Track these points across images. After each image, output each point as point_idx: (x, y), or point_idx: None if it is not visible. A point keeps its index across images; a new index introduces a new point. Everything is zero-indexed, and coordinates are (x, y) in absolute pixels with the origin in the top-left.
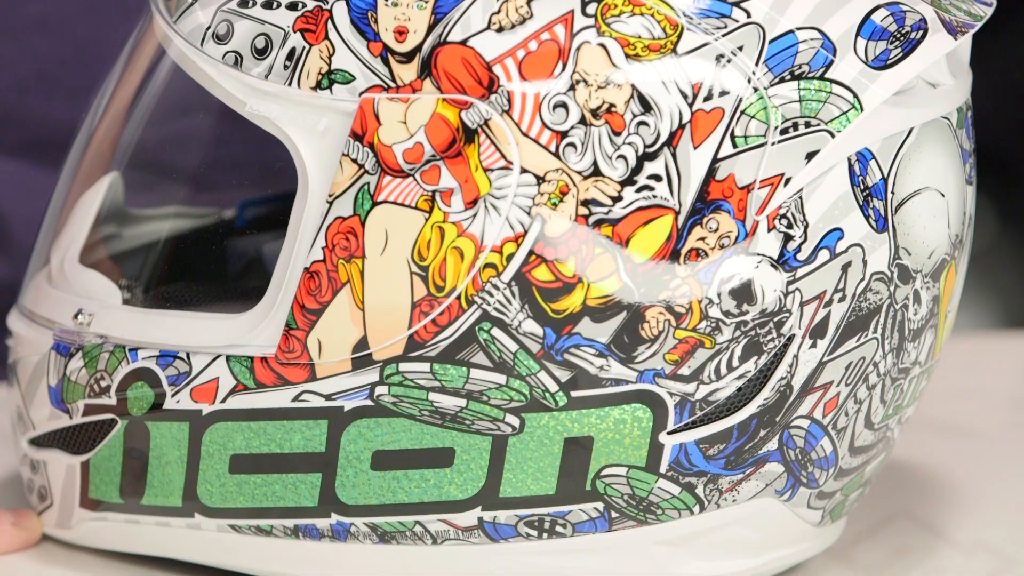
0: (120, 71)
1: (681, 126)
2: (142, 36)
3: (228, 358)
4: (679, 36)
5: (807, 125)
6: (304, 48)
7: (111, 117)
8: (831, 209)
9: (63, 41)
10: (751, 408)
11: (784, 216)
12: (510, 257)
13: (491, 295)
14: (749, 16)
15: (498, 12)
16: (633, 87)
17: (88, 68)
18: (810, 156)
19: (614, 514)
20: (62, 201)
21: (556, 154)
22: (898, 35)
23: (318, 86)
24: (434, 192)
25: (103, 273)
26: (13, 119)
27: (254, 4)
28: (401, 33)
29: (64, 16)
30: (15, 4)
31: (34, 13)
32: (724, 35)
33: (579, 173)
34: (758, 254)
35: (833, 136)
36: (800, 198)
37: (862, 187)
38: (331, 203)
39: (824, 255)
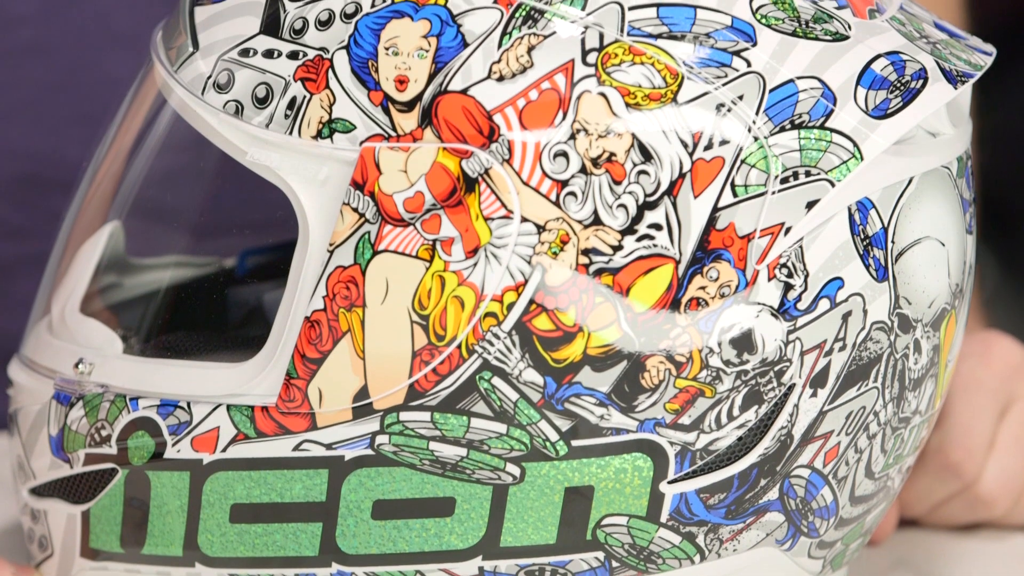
0: (121, 119)
1: (681, 175)
2: (143, 84)
3: (229, 407)
4: (679, 85)
5: (807, 174)
6: (305, 97)
7: (112, 166)
8: (831, 258)
9: (53, 68)
10: (752, 457)
11: (784, 265)
12: (511, 306)
13: (492, 344)
14: (749, 65)
15: (499, 61)
16: (633, 136)
17: (76, 96)
18: (810, 205)
19: (615, 563)
20: (63, 250)
21: (556, 203)
22: (898, 84)
23: (319, 135)
24: (435, 241)
25: (104, 322)
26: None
27: (255, 53)
28: (402, 82)
29: (56, 42)
30: (6, 27)
31: (25, 38)
32: (724, 84)
33: (579, 222)
34: (758, 303)
35: (833, 185)
36: (800, 247)
37: (862, 236)
38: (332, 252)
39: (824, 304)
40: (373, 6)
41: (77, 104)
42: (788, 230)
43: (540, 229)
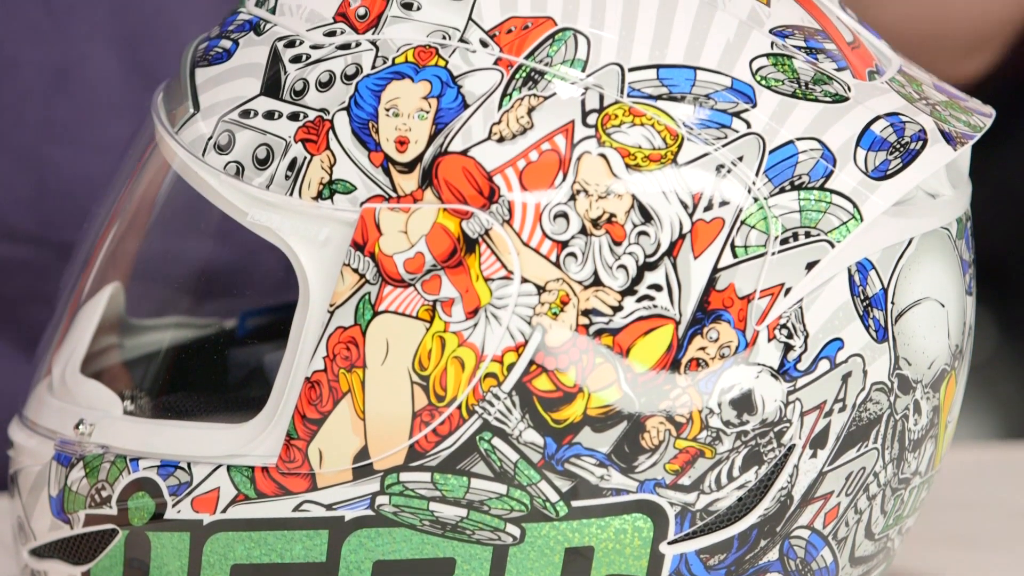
0: (121, 181)
1: (681, 236)
2: (143, 146)
3: (229, 468)
4: (679, 146)
5: (807, 235)
6: (305, 158)
7: (112, 228)
8: (831, 319)
9: None
10: (752, 518)
11: (784, 326)
12: (511, 367)
13: (492, 405)
14: (749, 126)
15: (499, 122)
16: (633, 197)
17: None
18: (810, 266)
19: None
20: (64, 311)
21: (557, 264)
22: (898, 146)
23: (319, 196)
24: (435, 302)
25: (104, 383)
26: None
27: (256, 115)
28: (402, 143)
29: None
30: None
31: None
32: (724, 145)
33: (580, 283)
34: (758, 364)
35: (833, 246)
36: (800, 308)
37: (862, 297)
38: (332, 313)
39: (824, 365)
40: (374, 67)
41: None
42: (788, 291)
43: (540, 290)
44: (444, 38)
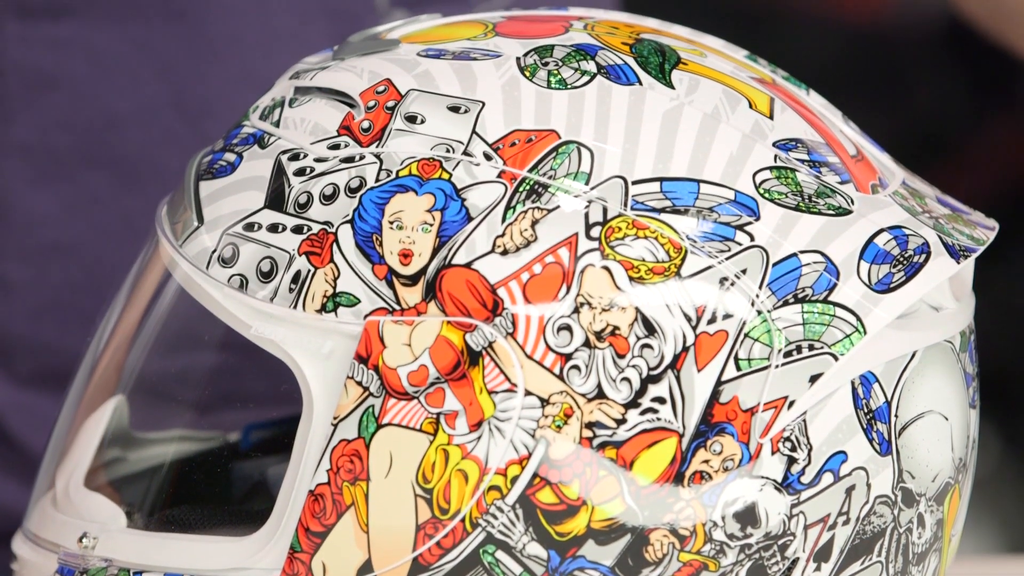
0: (126, 294)
1: (685, 349)
2: (148, 259)
3: None
4: (683, 259)
5: (810, 348)
6: (309, 271)
7: (116, 341)
8: (835, 432)
9: (77, 266)
10: None
11: (788, 439)
12: (514, 480)
13: (495, 518)
14: (753, 239)
15: (502, 235)
16: (637, 310)
17: (101, 294)
18: (814, 379)
19: None
20: (68, 425)
21: (560, 376)
22: (901, 259)
23: (323, 309)
24: (438, 415)
25: (108, 496)
26: (27, 348)
27: (260, 227)
28: (406, 256)
29: (78, 241)
30: (30, 228)
31: (49, 238)
32: (728, 258)
33: (583, 395)
34: (762, 477)
35: (836, 359)
36: (804, 421)
37: (866, 410)
38: (336, 426)
39: (828, 478)
40: (377, 180)
41: (101, 303)
42: (791, 404)
43: (544, 402)
44: (448, 151)
